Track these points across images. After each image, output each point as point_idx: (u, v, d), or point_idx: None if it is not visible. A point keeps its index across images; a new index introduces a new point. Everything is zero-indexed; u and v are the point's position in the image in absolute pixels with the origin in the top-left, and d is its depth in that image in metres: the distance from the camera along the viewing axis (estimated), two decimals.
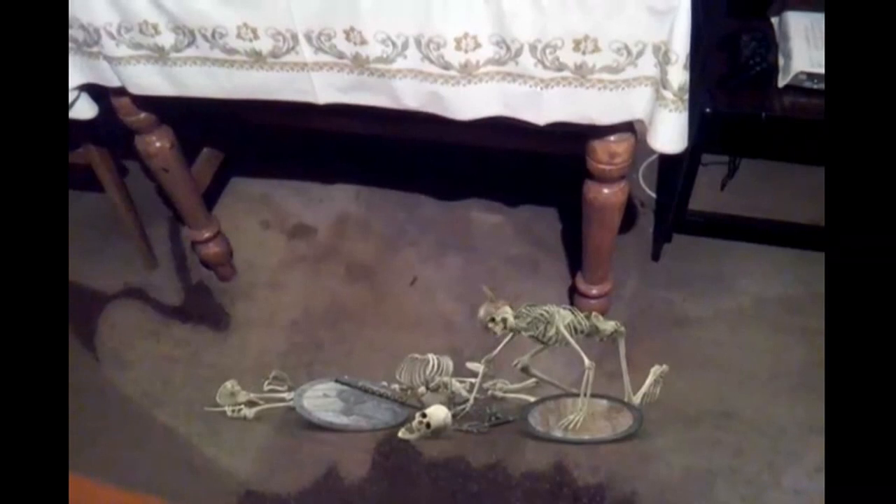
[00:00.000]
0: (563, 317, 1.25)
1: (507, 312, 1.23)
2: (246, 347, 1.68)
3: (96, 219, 1.95)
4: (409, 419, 1.48)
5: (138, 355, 1.69)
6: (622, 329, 1.31)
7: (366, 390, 1.38)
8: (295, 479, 1.46)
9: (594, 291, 1.53)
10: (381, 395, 1.40)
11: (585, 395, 1.29)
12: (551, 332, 1.24)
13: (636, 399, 1.38)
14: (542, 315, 1.24)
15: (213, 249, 1.72)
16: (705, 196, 1.80)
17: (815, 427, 1.45)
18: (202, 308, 1.77)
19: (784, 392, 1.52)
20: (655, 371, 1.40)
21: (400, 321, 1.70)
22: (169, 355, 1.68)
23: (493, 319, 1.23)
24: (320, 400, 1.45)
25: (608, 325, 1.29)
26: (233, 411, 1.52)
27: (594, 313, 1.30)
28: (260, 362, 1.64)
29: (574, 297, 1.60)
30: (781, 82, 1.40)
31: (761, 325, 1.63)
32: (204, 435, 1.53)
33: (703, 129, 1.41)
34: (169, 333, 1.72)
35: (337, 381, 1.38)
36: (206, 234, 1.69)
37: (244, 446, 1.51)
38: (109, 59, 1.22)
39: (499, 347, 1.29)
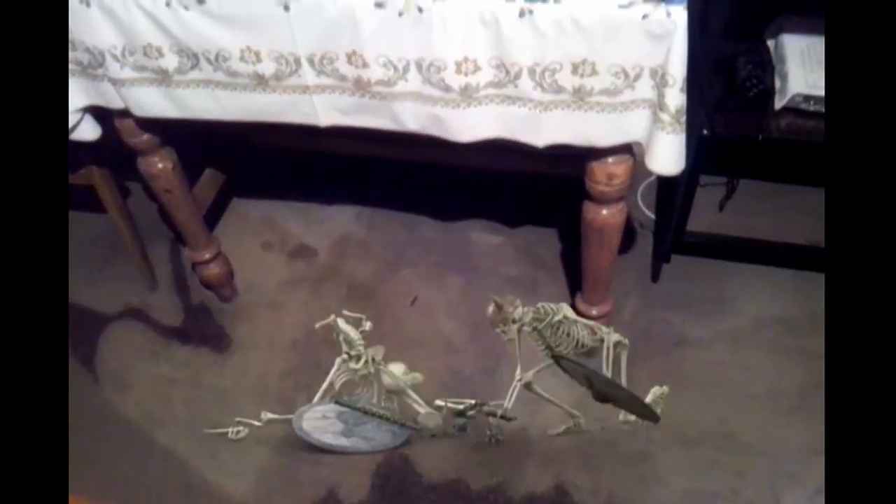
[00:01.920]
0: (568, 308, 1.26)
1: (518, 311, 1.24)
2: (246, 368, 1.68)
3: (97, 239, 1.95)
4: (410, 441, 1.48)
5: (138, 376, 1.68)
6: (625, 341, 1.31)
7: (366, 412, 1.38)
8: (294, 502, 1.45)
9: (594, 312, 1.53)
10: (380, 417, 1.40)
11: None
12: (559, 316, 1.24)
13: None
14: (547, 306, 1.25)
15: (213, 270, 1.72)
16: (704, 217, 1.81)
17: (816, 448, 1.45)
18: (202, 329, 1.77)
19: (784, 413, 1.51)
20: (655, 392, 1.39)
21: (400, 341, 1.69)
22: (169, 376, 1.68)
23: (515, 320, 1.24)
24: (320, 421, 1.44)
25: (613, 336, 1.29)
26: (233, 433, 1.52)
27: (596, 324, 1.30)
28: (260, 383, 1.64)
29: None
30: (778, 104, 1.42)
31: (761, 346, 1.63)
32: (203, 456, 1.53)
33: (700, 151, 1.42)
34: (169, 354, 1.72)
35: (337, 402, 1.38)
36: (207, 255, 1.69)
37: (243, 468, 1.50)
38: (113, 82, 1.23)
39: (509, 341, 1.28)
